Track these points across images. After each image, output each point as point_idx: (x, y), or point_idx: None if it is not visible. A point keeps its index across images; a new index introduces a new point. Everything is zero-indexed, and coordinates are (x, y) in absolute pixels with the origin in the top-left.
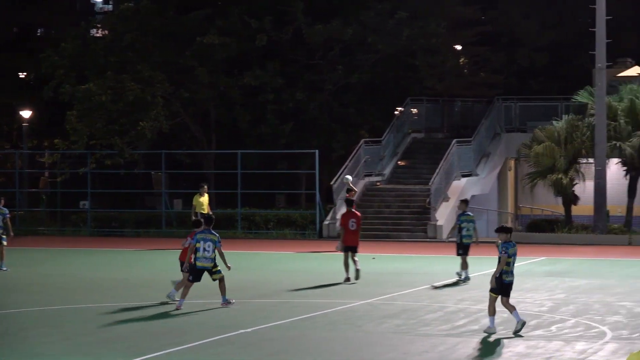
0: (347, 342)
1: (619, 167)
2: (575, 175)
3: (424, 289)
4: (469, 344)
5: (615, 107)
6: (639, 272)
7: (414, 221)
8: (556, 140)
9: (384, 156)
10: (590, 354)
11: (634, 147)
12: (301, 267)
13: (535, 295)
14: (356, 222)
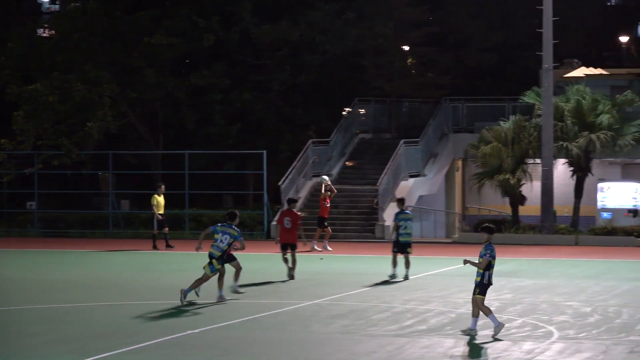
0: (295, 343)
1: (565, 167)
2: (523, 175)
3: (371, 289)
4: (416, 344)
5: (562, 108)
6: (585, 272)
7: (361, 221)
8: (503, 140)
9: (331, 157)
10: (537, 354)
11: (580, 148)
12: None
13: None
14: (291, 221)
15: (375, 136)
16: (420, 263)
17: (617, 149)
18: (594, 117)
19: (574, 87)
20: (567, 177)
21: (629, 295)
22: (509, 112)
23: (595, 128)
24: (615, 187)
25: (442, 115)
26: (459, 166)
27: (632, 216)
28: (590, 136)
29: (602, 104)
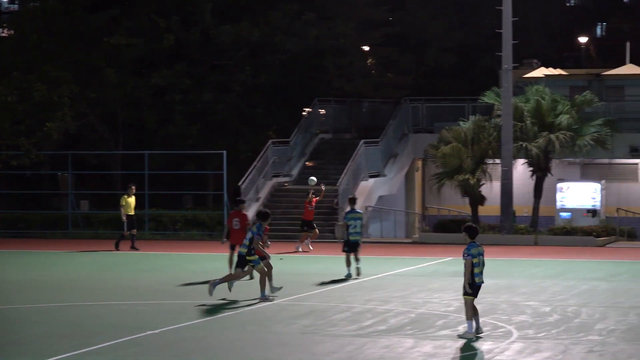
0: (256, 343)
1: (525, 167)
2: (482, 175)
3: (331, 289)
4: (376, 344)
5: (521, 108)
6: (544, 272)
7: (321, 222)
8: (463, 140)
9: (291, 157)
10: (497, 354)
11: (539, 148)
12: (209, 268)
13: (442, 295)
14: (240, 222)
15: (336, 136)
16: (381, 263)
17: (576, 149)
18: (554, 118)
19: (533, 87)
20: (527, 177)
21: (587, 295)
22: (468, 112)
23: (554, 128)
24: (574, 187)
25: (402, 116)
26: (419, 166)
27: (591, 216)
28: (549, 136)
29: (561, 104)
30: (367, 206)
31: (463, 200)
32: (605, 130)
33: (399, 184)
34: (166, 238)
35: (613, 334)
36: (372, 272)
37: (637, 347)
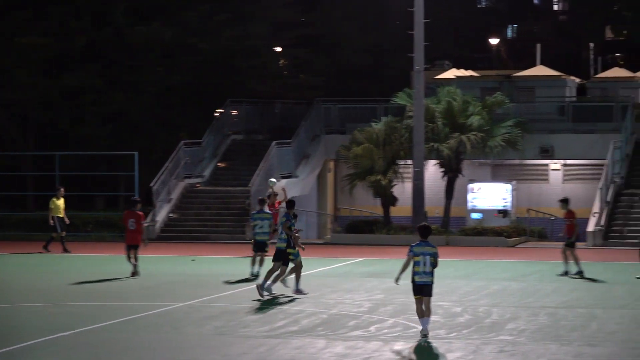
0: (167, 345)
1: (436, 168)
2: (394, 176)
3: (243, 290)
4: (288, 345)
5: (433, 109)
6: (456, 272)
7: (233, 223)
8: (375, 141)
9: (203, 158)
10: (409, 354)
11: (451, 149)
12: (121, 269)
13: (354, 295)
14: (136, 222)
15: (248, 137)
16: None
17: (487, 150)
18: (465, 119)
19: (445, 88)
20: (438, 178)
21: (498, 295)
22: (381, 113)
23: (465, 129)
24: (485, 187)
25: (315, 117)
26: (331, 167)
27: (502, 216)
28: (460, 137)
29: (472, 105)
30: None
31: (375, 201)
32: (516, 131)
33: (311, 185)
34: (77, 239)
35: (523, 334)
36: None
37: (546, 346)
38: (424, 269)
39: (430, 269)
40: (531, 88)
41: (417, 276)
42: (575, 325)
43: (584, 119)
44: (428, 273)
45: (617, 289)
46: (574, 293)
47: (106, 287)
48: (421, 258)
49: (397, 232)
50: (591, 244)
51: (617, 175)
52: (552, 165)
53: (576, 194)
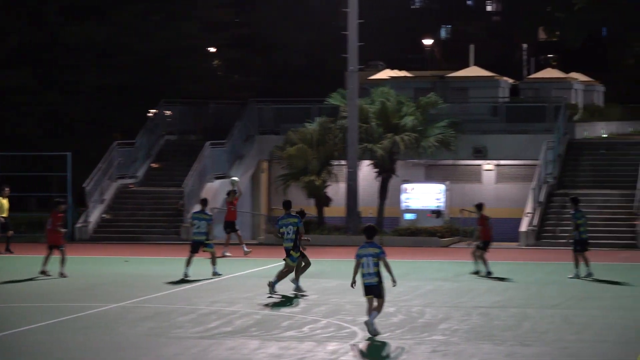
0: (100, 346)
1: (370, 168)
2: (328, 177)
3: (177, 291)
4: (221, 346)
5: (366, 110)
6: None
7: (167, 223)
8: (309, 142)
9: (137, 158)
10: (341, 354)
11: (385, 149)
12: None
13: (288, 296)
14: (52, 222)
15: (182, 138)
16: (226, 264)
17: (420, 150)
18: (399, 119)
19: (378, 89)
20: (372, 178)
21: (432, 295)
22: (315, 113)
23: (399, 130)
24: (418, 188)
25: (248, 117)
26: (265, 168)
27: (436, 217)
28: (394, 138)
29: (406, 106)
30: (213, 207)
31: (309, 202)
32: (450, 131)
33: (244, 185)
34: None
35: (456, 334)
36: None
37: (479, 346)
38: (368, 270)
39: (374, 270)
40: (464, 89)
41: (364, 277)
42: (507, 325)
43: (517, 119)
44: (372, 274)
45: (549, 289)
46: (507, 293)
47: (38, 288)
48: (365, 260)
49: (330, 233)
50: (524, 244)
51: (550, 175)
52: (485, 166)
53: (509, 194)
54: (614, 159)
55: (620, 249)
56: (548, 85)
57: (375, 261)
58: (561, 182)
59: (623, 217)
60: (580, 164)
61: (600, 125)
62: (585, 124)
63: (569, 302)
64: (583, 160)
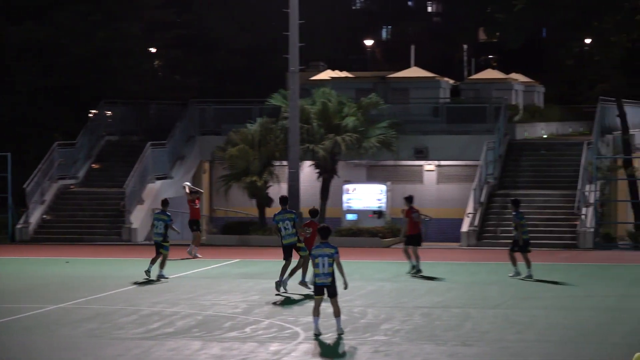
0: (41, 347)
1: (312, 169)
2: (269, 177)
3: (119, 292)
4: (163, 347)
5: (308, 110)
6: None
7: (108, 224)
8: (250, 142)
9: (78, 159)
10: (284, 355)
11: (326, 150)
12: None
13: (229, 297)
14: None
15: (123, 138)
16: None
17: (362, 151)
18: (340, 120)
19: (320, 90)
20: (314, 178)
21: (374, 296)
22: (256, 114)
23: (341, 130)
24: (360, 188)
25: (190, 118)
26: (207, 168)
27: (377, 217)
28: (336, 138)
29: (347, 106)
30: (154, 208)
31: (251, 202)
32: (391, 132)
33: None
34: None
35: (398, 334)
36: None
37: (421, 346)
38: (323, 270)
39: (329, 270)
40: (405, 89)
41: (317, 277)
42: (449, 325)
43: (458, 120)
44: (327, 274)
45: (490, 289)
46: (449, 293)
47: None
48: (320, 260)
49: (272, 233)
50: (465, 245)
51: (491, 176)
52: (426, 166)
53: (450, 194)
54: (554, 160)
55: (560, 249)
56: (489, 86)
57: (330, 261)
58: (502, 182)
59: (563, 217)
60: (521, 165)
61: (540, 125)
62: (526, 125)
63: (510, 302)
64: (523, 161)
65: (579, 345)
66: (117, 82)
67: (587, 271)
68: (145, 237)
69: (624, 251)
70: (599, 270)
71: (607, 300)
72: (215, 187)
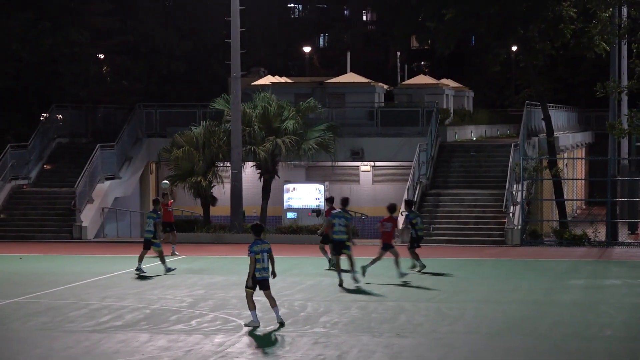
0: None
1: (254, 170)
2: (214, 178)
3: (69, 287)
4: (112, 339)
5: (249, 114)
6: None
7: (59, 222)
8: (195, 144)
9: (30, 160)
10: (228, 346)
11: (267, 152)
12: None
13: (175, 291)
14: None
15: (73, 141)
16: (116, 262)
17: (301, 152)
18: (280, 123)
19: (260, 94)
20: (255, 179)
21: (313, 290)
22: (200, 117)
23: (281, 133)
24: (300, 188)
25: (136, 121)
26: (153, 169)
27: (316, 215)
28: (276, 140)
29: (287, 110)
30: (104, 207)
31: (195, 202)
32: (328, 135)
33: (134, 186)
34: None
35: (337, 326)
36: (108, 270)
37: (358, 338)
38: (262, 264)
39: (268, 265)
40: (342, 94)
41: (258, 272)
42: (385, 317)
43: (392, 123)
44: (266, 268)
45: (424, 284)
46: (384, 287)
47: None
48: (261, 255)
49: (216, 231)
50: (400, 241)
51: (424, 176)
52: (362, 167)
53: (386, 193)
54: (483, 161)
55: (489, 245)
56: (421, 91)
57: (269, 256)
58: (434, 182)
59: (492, 215)
60: (452, 165)
61: (470, 128)
62: (456, 128)
63: (442, 296)
64: (454, 162)
65: (507, 336)
66: (65, 87)
67: (514, 266)
68: (94, 234)
69: (549, 247)
70: (525, 266)
71: (533, 293)
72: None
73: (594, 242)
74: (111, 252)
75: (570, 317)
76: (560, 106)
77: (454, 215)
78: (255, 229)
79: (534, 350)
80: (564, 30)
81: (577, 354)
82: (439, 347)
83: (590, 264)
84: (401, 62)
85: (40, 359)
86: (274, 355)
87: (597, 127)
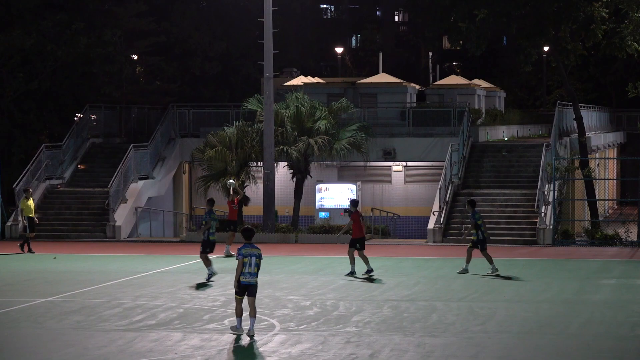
0: (29, 339)
1: (286, 170)
2: (246, 177)
3: (103, 286)
4: (146, 338)
5: (282, 114)
6: (304, 268)
7: (93, 222)
8: (228, 145)
9: (64, 160)
10: (260, 345)
11: (299, 152)
12: None
13: (209, 290)
14: None
15: (106, 141)
16: (150, 261)
17: (333, 152)
18: (312, 123)
19: (293, 95)
20: (288, 179)
21: (345, 289)
22: (233, 117)
23: (313, 133)
24: (332, 188)
25: (170, 121)
26: (186, 169)
27: (348, 215)
28: (308, 141)
29: (319, 110)
30: (137, 207)
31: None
32: (360, 135)
33: (167, 185)
34: None
35: (368, 326)
36: (142, 269)
37: (390, 337)
38: (249, 269)
39: (255, 270)
40: (374, 94)
41: (243, 276)
42: (417, 317)
43: (424, 123)
44: (253, 274)
45: (455, 283)
46: (416, 287)
47: None
48: (248, 259)
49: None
50: (431, 241)
51: (455, 176)
52: (394, 167)
53: (417, 193)
54: (515, 160)
55: (521, 245)
56: (452, 91)
57: (257, 262)
58: (465, 182)
59: (524, 215)
60: (483, 165)
61: (501, 128)
62: (488, 128)
63: (473, 295)
64: (485, 162)
65: (538, 335)
66: (99, 87)
67: (545, 266)
68: (128, 234)
69: (581, 247)
70: (557, 265)
71: (564, 293)
72: (195, 187)
73: (625, 242)
74: (144, 252)
75: (601, 317)
76: (591, 106)
77: (485, 215)
78: (246, 233)
79: (564, 350)
80: (596, 31)
81: (607, 353)
82: (471, 346)
83: (621, 263)
84: (433, 62)
85: (74, 357)
86: (307, 355)
87: (629, 127)
